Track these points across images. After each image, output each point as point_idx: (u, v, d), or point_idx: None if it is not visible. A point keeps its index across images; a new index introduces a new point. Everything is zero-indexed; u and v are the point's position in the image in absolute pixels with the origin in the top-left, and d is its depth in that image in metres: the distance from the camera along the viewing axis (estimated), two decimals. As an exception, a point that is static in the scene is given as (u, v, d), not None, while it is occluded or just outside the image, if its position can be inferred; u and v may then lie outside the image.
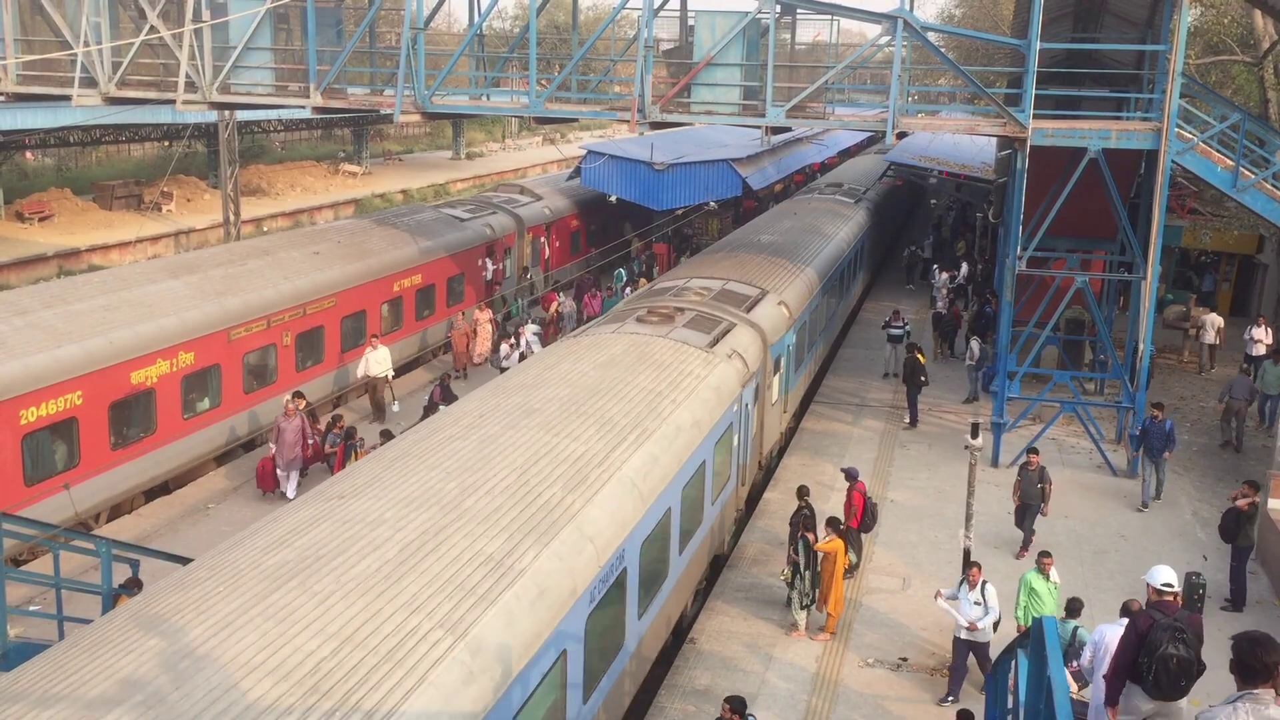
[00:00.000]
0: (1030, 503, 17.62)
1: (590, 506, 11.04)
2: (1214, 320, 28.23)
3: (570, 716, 10.15)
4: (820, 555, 14.78)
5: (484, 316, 28.28)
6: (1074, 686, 9.56)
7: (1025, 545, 17.60)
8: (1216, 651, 7.98)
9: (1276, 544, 17.09)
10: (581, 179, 37.71)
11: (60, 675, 7.46)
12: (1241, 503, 16.30)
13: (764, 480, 20.42)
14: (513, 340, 25.83)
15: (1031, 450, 18.06)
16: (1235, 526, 16.24)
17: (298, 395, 20.62)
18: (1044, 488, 17.56)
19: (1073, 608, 12.73)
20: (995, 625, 13.47)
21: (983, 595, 13.25)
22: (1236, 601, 16.06)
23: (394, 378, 24.93)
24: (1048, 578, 13.77)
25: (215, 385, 20.54)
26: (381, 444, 16.49)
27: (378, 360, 23.80)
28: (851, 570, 16.00)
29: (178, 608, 8.24)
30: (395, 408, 24.45)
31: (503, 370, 24.88)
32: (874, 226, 37.00)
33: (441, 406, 19.74)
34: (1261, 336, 25.36)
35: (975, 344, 25.37)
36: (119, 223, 43.30)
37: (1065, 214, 20.30)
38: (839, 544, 14.72)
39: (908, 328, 27.38)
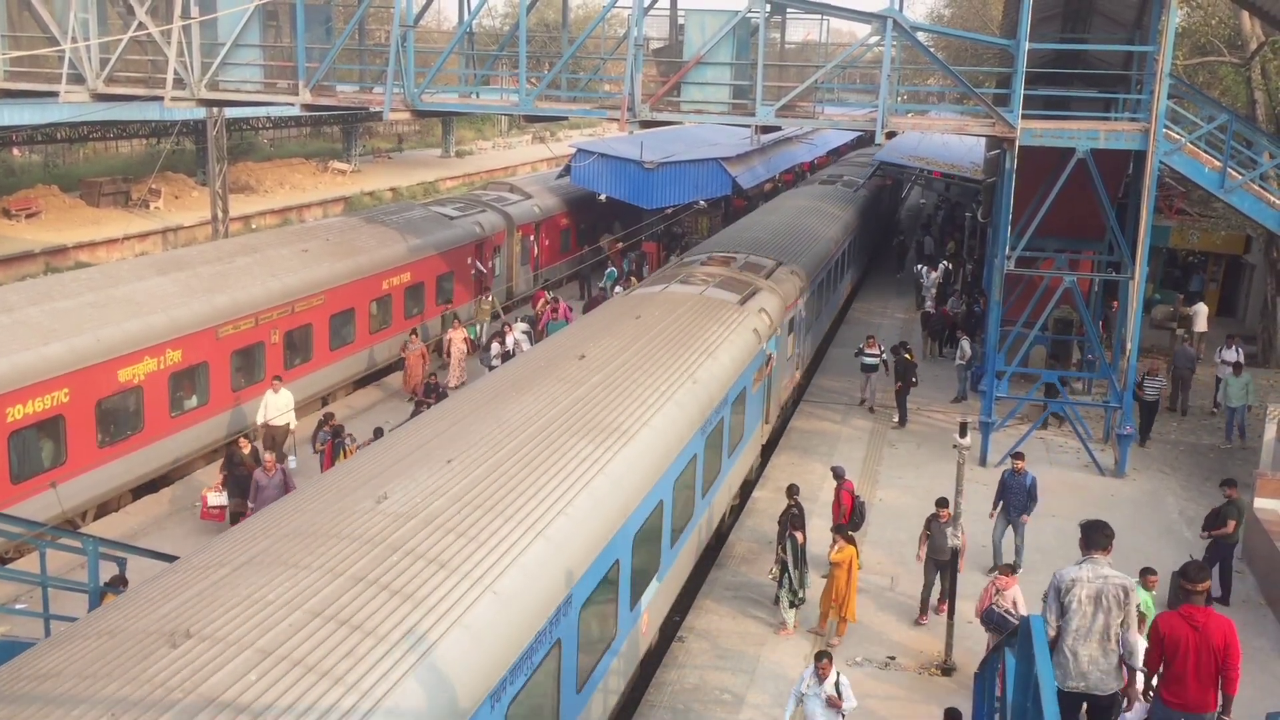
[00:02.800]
0: (942, 559, 15.09)
1: None
2: (1202, 309, 29.23)
3: None
4: (804, 554, 14.81)
5: (457, 335, 25.80)
6: None
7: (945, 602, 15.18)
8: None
9: (1262, 544, 17.17)
10: (571, 177, 37.72)
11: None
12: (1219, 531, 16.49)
13: (754, 479, 20.31)
14: (500, 338, 25.76)
15: (941, 503, 15.20)
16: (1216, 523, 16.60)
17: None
18: (959, 543, 14.89)
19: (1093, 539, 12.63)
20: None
21: (837, 690, 11.56)
22: (1224, 595, 16.22)
23: (295, 427, 21.20)
24: (1152, 593, 13.02)
25: (203, 383, 20.47)
26: (374, 440, 16.45)
27: (278, 406, 20.41)
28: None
29: None
30: (292, 463, 20.31)
31: (491, 369, 24.79)
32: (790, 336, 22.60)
33: (426, 404, 19.70)
34: (1232, 359, 24.50)
35: (965, 343, 25.42)
36: (106, 220, 43.12)
37: (1054, 214, 20.36)
38: (851, 551, 14.71)
39: (884, 355, 24.81)
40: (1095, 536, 8.65)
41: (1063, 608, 8.58)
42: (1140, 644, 8.68)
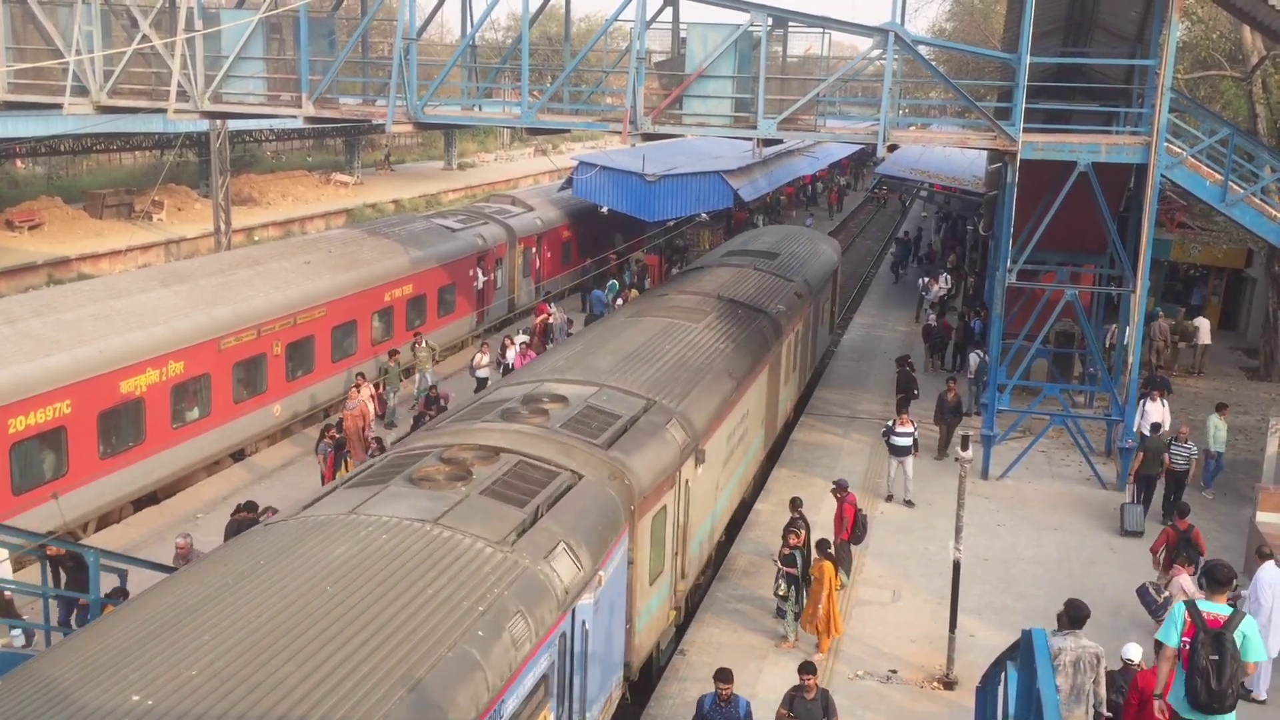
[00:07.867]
0: None
1: None
2: (1203, 323, 29.32)
3: None
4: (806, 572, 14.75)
5: (364, 393, 21.49)
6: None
7: None
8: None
9: (1265, 557, 17.13)
10: (573, 190, 37.76)
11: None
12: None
13: (754, 494, 20.26)
14: (499, 349, 25.70)
15: (806, 670, 11.54)
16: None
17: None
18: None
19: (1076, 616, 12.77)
20: None
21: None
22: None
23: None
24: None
25: (205, 395, 20.48)
26: (375, 451, 16.46)
27: None
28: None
29: None
30: (17, 638, 13.96)
31: (478, 380, 24.66)
32: None
33: (429, 416, 19.70)
34: (1158, 414, 21.35)
35: (974, 356, 25.36)
36: (109, 231, 43.19)
37: (1055, 227, 20.37)
38: (828, 567, 14.65)
39: (916, 434, 20.61)
40: (1077, 616, 10.53)
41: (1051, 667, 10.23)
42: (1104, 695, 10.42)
